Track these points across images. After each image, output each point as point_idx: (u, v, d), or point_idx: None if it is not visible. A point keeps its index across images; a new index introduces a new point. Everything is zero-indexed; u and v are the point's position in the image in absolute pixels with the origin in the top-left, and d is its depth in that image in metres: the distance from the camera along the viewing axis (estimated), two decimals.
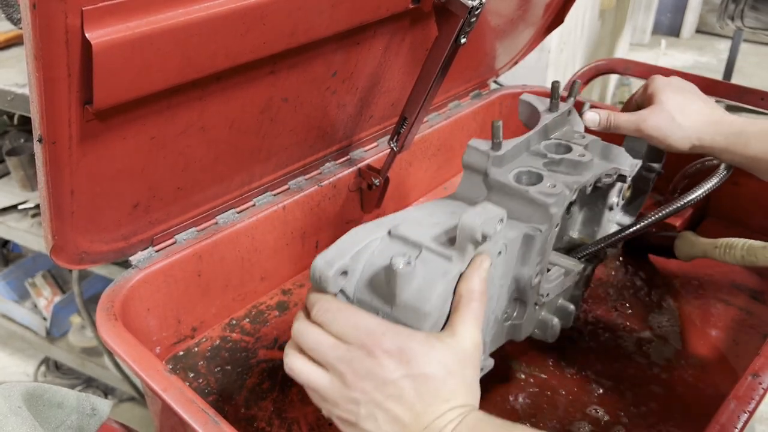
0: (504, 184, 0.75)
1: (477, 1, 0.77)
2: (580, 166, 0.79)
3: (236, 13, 0.62)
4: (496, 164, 0.77)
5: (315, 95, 0.88)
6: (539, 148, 0.82)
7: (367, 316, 0.58)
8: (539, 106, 0.89)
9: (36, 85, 0.53)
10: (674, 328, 0.96)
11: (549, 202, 0.72)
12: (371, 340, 0.55)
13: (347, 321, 0.57)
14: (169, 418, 0.68)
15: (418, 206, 0.75)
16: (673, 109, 0.89)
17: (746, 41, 4.47)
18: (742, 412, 0.61)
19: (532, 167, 0.78)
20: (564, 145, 0.84)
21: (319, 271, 0.60)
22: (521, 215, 0.74)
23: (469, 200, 0.78)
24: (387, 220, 0.69)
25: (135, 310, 0.82)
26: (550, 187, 0.74)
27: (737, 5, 2.53)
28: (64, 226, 0.69)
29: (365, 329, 0.56)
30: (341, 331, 0.57)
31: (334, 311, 0.58)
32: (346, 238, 0.64)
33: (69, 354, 1.99)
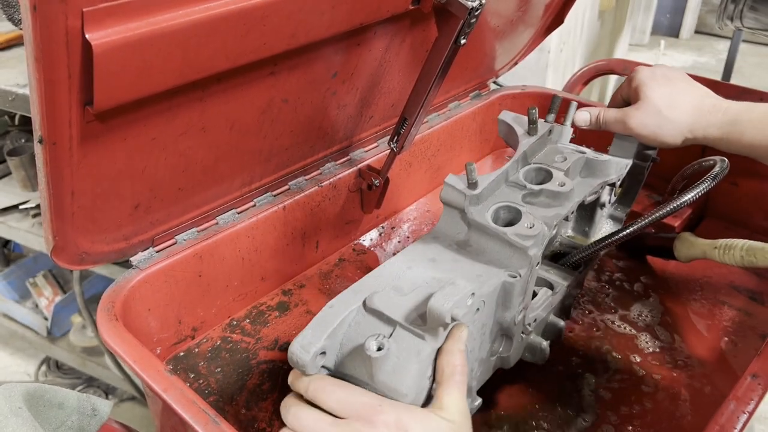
0: (482, 225, 0.75)
1: (477, 2, 0.77)
2: (560, 196, 0.78)
3: (237, 14, 0.62)
4: (474, 203, 0.76)
5: (315, 96, 0.88)
6: (518, 177, 0.81)
7: (361, 391, 0.60)
8: (518, 128, 0.87)
9: (36, 87, 0.53)
10: (673, 329, 0.96)
11: (527, 245, 0.71)
12: (370, 412, 0.57)
13: (344, 396, 0.59)
14: (169, 418, 0.68)
15: (400, 254, 0.75)
16: (660, 102, 0.86)
17: (745, 42, 4.47)
18: (741, 412, 0.61)
19: (510, 202, 0.77)
20: (544, 170, 0.82)
21: (296, 357, 0.62)
22: (500, 256, 0.74)
23: (449, 238, 0.78)
24: (365, 283, 0.70)
25: (136, 311, 0.83)
26: (528, 227, 0.73)
27: (736, 6, 2.53)
28: (65, 226, 0.69)
29: (362, 403, 0.58)
30: (338, 407, 0.58)
31: (328, 389, 0.59)
32: (320, 316, 0.65)
33: (70, 354, 1.99)
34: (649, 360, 0.90)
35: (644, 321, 0.97)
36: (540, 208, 0.78)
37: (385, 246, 1.14)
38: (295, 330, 0.95)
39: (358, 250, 1.13)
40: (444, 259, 0.75)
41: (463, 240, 0.77)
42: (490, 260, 0.74)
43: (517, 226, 0.73)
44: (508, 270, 0.72)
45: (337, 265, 1.09)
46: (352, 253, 1.12)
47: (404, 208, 1.23)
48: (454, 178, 0.77)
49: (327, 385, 0.60)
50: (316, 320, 0.64)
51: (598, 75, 1.40)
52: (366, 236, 1.16)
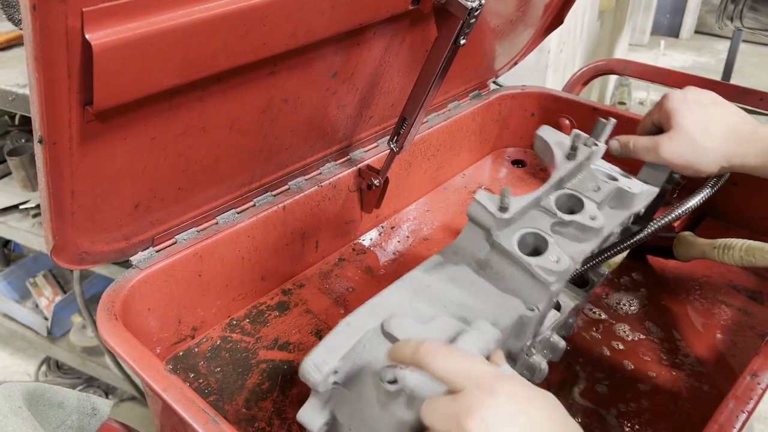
0: (507, 251, 0.73)
1: (476, 3, 0.77)
2: (590, 231, 0.76)
3: (236, 14, 0.62)
4: (502, 226, 0.75)
5: (315, 96, 0.88)
6: (549, 203, 0.79)
7: (478, 359, 0.56)
8: (557, 150, 0.84)
9: (36, 87, 0.53)
10: (672, 328, 0.96)
11: (550, 281, 0.70)
12: (490, 381, 0.53)
13: (459, 365, 0.55)
14: (169, 417, 0.68)
15: (420, 267, 0.75)
16: (694, 130, 0.83)
17: (745, 42, 4.47)
18: (740, 411, 0.61)
19: (538, 229, 0.76)
20: (576, 198, 0.80)
21: (308, 375, 0.62)
22: (520, 285, 0.73)
23: (470, 255, 0.77)
24: (383, 300, 0.69)
25: (135, 310, 0.83)
26: (554, 261, 0.71)
27: (736, 6, 2.53)
28: (65, 226, 0.69)
29: (482, 371, 0.54)
30: (453, 376, 0.54)
31: (440, 355, 0.55)
32: (336, 334, 0.64)
33: (70, 353, 1.99)
34: (647, 359, 0.91)
35: (642, 320, 0.97)
36: (567, 240, 0.76)
37: (385, 246, 1.14)
38: (295, 330, 0.95)
39: (358, 249, 1.13)
40: (463, 281, 0.74)
41: (484, 260, 0.76)
42: (509, 287, 0.73)
43: (543, 258, 0.72)
44: (526, 301, 0.71)
45: (337, 265, 1.09)
46: (351, 253, 1.12)
47: (404, 207, 1.23)
48: (484, 196, 0.75)
49: (438, 351, 0.55)
50: (331, 338, 0.64)
51: (597, 75, 1.40)
52: (366, 236, 1.16)
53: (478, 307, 0.71)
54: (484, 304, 0.71)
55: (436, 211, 1.23)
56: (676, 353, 0.92)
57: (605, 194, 0.80)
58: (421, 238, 1.16)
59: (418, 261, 1.08)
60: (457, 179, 1.33)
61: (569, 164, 0.82)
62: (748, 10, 2.57)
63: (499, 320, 0.69)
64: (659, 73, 1.32)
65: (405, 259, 1.11)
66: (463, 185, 1.32)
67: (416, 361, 0.56)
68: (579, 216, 0.77)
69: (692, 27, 5.04)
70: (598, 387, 0.87)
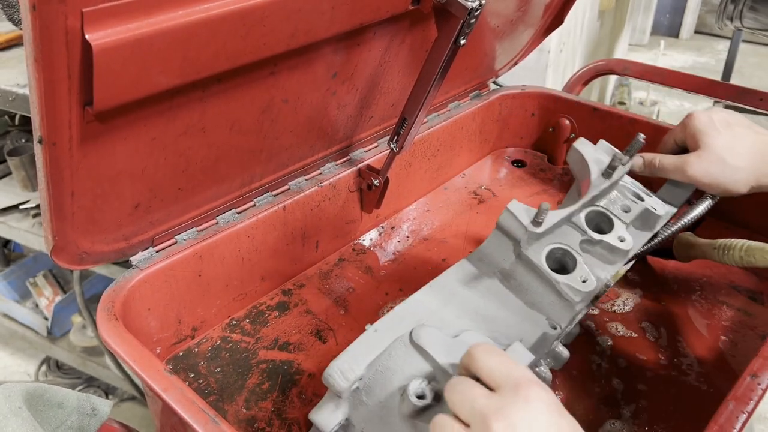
0: (535, 265, 0.73)
1: (476, 3, 0.77)
2: (618, 253, 0.76)
3: (237, 14, 0.62)
4: (532, 239, 0.75)
5: (315, 96, 0.88)
6: (580, 220, 0.79)
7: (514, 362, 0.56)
8: (593, 167, 0.83)
9: (36, 87, 0.53)
10: (672, 328, 0.96)
11: (576, 300, 0.70)
12: (525, 385, 0.53)
13: (496, 365, 0.55)
14: (169, 418, 0.68)
15: (445, 276, 0.74)
16: (723, 150, 0.82)
17: (745, 42, 4.47)
18: (740, 412, 0.61)
19: (568, 246, 0.75)
20: (606, 217, 0.80)
21: (334, 381, 0.61)
22: (543, 299, 0.73)
23: (495, 264, 0.76)
24: (410, 307, 0.68)
25: (135, 311, 0.83)
26: (582, 281, 0.71)
27: (736, 6, 2.53)
28: (65, 226, 0.69)
29: (517, 376, 0.54)
30: (491, 375, 0.55)
31: (481, 355, 0.56)
32: (363, 340, 0.64)
33: (70, 353, 1.99)
34: (645, 358, 0.90)
35: (641, 321, 0.97)
36: (594, 259, 0.76)
37: (385, 246, 1.14)
38: (295, 330, 0.95)
39: (358, 249, 1.13)
40: (489, 291, 0.74)
41: (508, 270, 0.76)
42: (532, 301, 0.73)
43: (571, 277, 0.72)
44: (548, 317, 0.71)
45: (337, 265, 1.09)
46: (351, 253, 1.12)
47: (404, 207, 1.23)
48: (517, 206, 0.75)
49: (488, 349, 0.56)
50: (358, 344, 0.64)
51: (598, 75, 1.40)
52: (366, 236, 1.16)
53: (503, 322, 0.71)
54: (509, 318, 0.71)
55: (437, 211, 1.23)
56: (675, 353, 0.91)
57: (634, 215, 0.80)
58: (421, 238, 1.16)
59: (418, 261, 1.09)
60: (457, 179, 1.33)
61: (605, 183, 0.82)
62: (748, 10, 2.57)
63: (525, 337, 0.69)
64: (659, 73, 1.32)
65: (405, 259, 1.11)
66: (464, 185, 1.32)
67: (466, 356, 0.56)
68: (609, 237, 0.77)
69: (692, 27, 5.05)
70: (596, 388, 0.87)
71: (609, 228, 0.79)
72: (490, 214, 1.23)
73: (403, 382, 0.62)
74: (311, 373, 0.89)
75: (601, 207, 0.82)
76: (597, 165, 0.83)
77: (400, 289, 1.04)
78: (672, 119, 3.72)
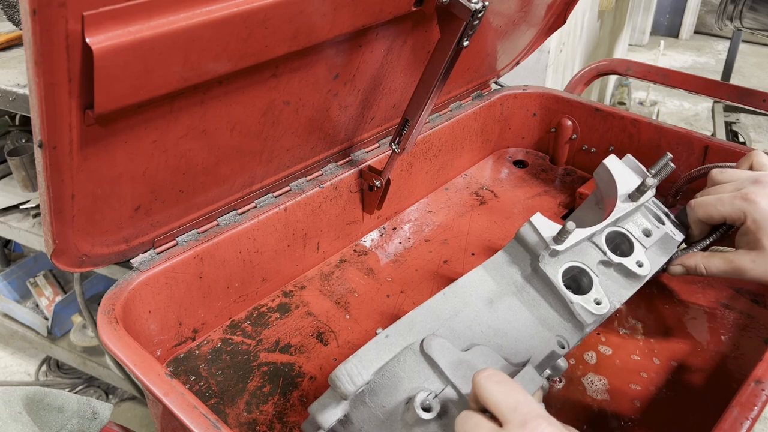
0: (551, 282, 0.73)
1: (480, 4, 0.77)
2: (634, 278, 0.76)
3: (238, 17, 0.61)
4: (552, 255, 0.74)
5: (317, 98, 0.87)
6: (601, 240, 0.78)
7: (523, 394, 0.55)
8: (620, 187, 0.82)
9: (36, 91, 0.53)
10: (674, 332, 0.96)
11: (587, 322, 0.70)
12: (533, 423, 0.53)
13: (503, 397, 0.55)
14: (170, 422, 0.68)
15: (460, 286, 0.74)
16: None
17: (745, 42, 4.47)
18: (745, 418, 0.60)
19: (585, 265, 0.75)
20: (627, 239, 0.79)
21: (340, 384, 0.61)
22: (554, 316, 0.72)
23: (509, 276, 0.76)
24: (423, 314, 0.68)
25: (136, 313, 0.82)
26: (596, 303, 0.71)
27: (736, 6, 2.53)
28: (65, 229, 0.69)
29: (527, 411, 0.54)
30: (497, 407, 0.55)
31: (489, 386, 0.56)
32: (373, 346, 0.63)
33: (70, 353, 1.99)
34: (647, 362, 0.90)
35: (644, 323, 0.97)
36: (610, 281, 0.76)
37: (386, 247, 1.14)
38: (296, 332, 0.95)
39: (359, 251, 1.12)
40: (501, 303, 0.74)
41: (521, 283, 0.76)
42: (543, 317, 0.73)
43: (585, 297, 0.72)
44: (558, 334, 0.71)
45: (338, 266, 1.08)
46: (353, 254, 1.11)
47: (405, 208, 1.23)
48: (540, 220, 0.75)
49: (495, 377, 0.56)
50: (367, 349, 0.63)
51: (599, 75, 1.40)
52: (367, 237, 1.15)
53: (514, 336, 0.71)
54: (519, 333, 0.71)
55: (438, 211, 1.23)
56: (677, 357, 0.91)
57: (654, 240, 0.80)
58: (422, 239, 1.16)
59: (419, 262, 1.09)
60: (458, 180, 1.33)
61: (630, 205, 0.81)
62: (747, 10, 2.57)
63: (533, 354, 0.69)
64: (662, 73, 1.31)
65: (406, 260, 1.10)
66: (465, 186, 1.31)
67: (473, 385, 0.56)
68: (627, 261, 0.76)
69: (692, 27, 5.04)
70: (596, 392, 0.86)
71: (628, 249, 0.79)
72: (491, 215, 1.22)
73: (410, 390, 0.62)
74: (312, 376, 0.88)
75: (623, 229, 0.81)
76: (625, 186, 0.82)
77: (401, 290, 1.04)
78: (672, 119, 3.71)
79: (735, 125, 2.95)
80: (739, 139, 2.95)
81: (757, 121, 3.76)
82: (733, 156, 1.07)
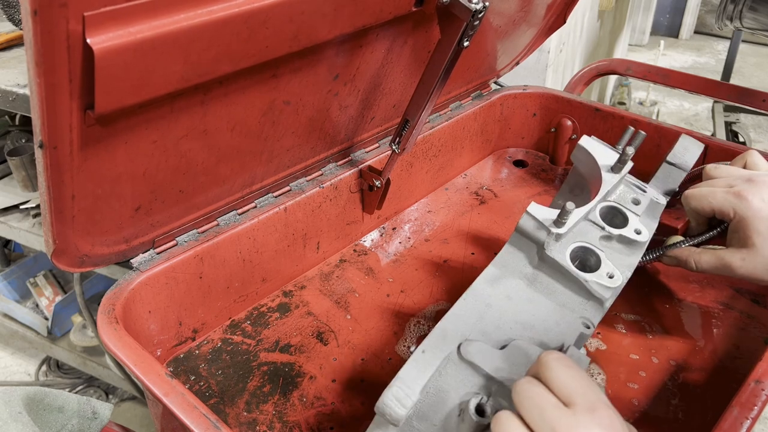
0: (561, 266, 0.74)
1: (480, 5, 0.77)
2: (634, 245, 0.77)
3: (239, 17, 0.61)
4: (555, 240, 0.75)
5: (317, 98, 0.87)
6: (596, 216, 0.80)
7: (588, 380, 0.55)
8: (601, 162, 0.84)
9: (37, 91, 0.53)
10: (674, 332, 0.96)
11: (605, 296, 0.71)
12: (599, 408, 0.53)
13: (570, 381, 0.55)
14: (170, 422, 0.68)
15: (477, 289, 0.74)
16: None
17: (745, 42, 4.47)
18: (745, 418, 0.60)
19: (589, 244, 0.76)
20: (621, 212, 0.81)
21: (390, 410, 0.58)
22: (572, 300, 0.73)
23: (517, 271, 0.77)
24: (451, 327, 0.67)
25: (136, 313, 0.82)
26: (609, 277, 0.72)
27: (736, 6, 2.53)
28: (65, 230, 0.69)
29: (594, 397, 0.54)
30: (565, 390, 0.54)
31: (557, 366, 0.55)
32: (412, 365, 0.61)
33: (70, 353, 1.99)
34: (646, 362, 0.90)
35: (643, 323, 0.97)
36: (614, 254, 0.77)
37: (387, 247, 1.14)
38: (296, 332, 0.95)
39: (359, 250, 1.12)
40: (519, 297, 0.74)
41: (532, 274, 0.76)
42: (562, 301, 0.73)
43: (598, 274, 0.72)
44: (581, 317, 0.71)
45: (338, 266, 1.09)
46: (353, 254, 1.11)
47: (405, 208, 1.23)
48: (537, 208, 0.75)
49: (563, 360, 0.55)
50: (408, 368, 0.62)
51: (600, 75, 1.40)
52: (367, 237, 1.15)
53: (541, 326, 0.71)
54: (545, 322, 0.71)
55: (438, 211, 1.23)
56: (676, 357, 0.91)
57: (644, 207, 0.81)
58: (422, 239, 1.16)
59: (419, 262, 1.09)
60: (458, 180, 1.33)
61: (616, 177, 0.82)
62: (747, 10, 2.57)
63: (565, 340, 0.69)
64: (662, 73, 1.31)
65: (406, 260, 1.10)
66: (465, 186, 1.31)
67: (538, 364, 0.55)
68: (626, 230, 0.78)
69: (692, 27, 5.05)
70: None
71: (622, 222, 0.80)
72: (491, 215, 1.22)
73: (458, 401, 0.61)
74: (312, 376, 0.88)
75: (613, 202, 0.83)
76: (605, 160, 0.84)
77: (401, 290, 1.04)
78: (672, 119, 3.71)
79: (735, 125, 2.95)
80: (739, 139, 2.96)
81: (757, 121, 3.76)
82: (733, 156, 1.07)
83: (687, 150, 0.92)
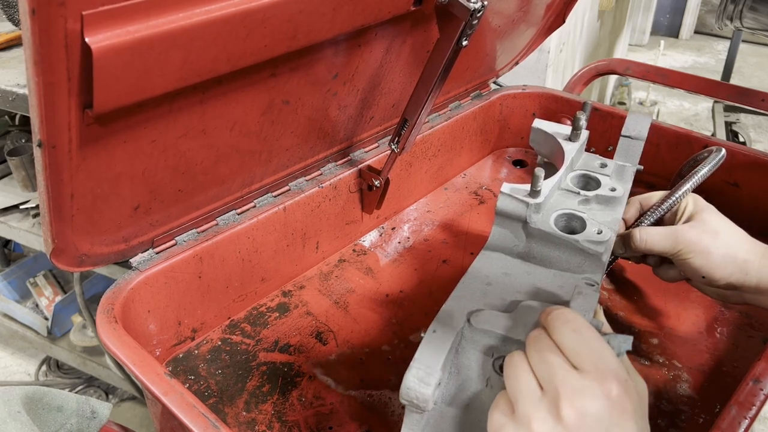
0: (548, 234, 0.74)
1: (479, 4, 0.77)
2: (613, 201, 0.79)
3: (237, 16, 0.61)
4: (536, 211, 0.76)
5: (316, 97, 0.88)
6: (568, 184, 0.82)
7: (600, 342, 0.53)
8: (558, 135, 0.89)
9: (36, 90, 0.53)
10: (671, 331, 0.96)
11: (600, 251, 0.71)
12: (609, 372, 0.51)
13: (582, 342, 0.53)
14: (169, 421, 0.68)
15: (471, 272, 0.74)
16: (717, 226, 0.80)
17: (745, 42, 4.47)
18: (743, 417, 0.60)
19: (570, 209, 0.77)
20: (592, 178, 0.83)
21: (415, 392, 0.56)
22: (569, 265, 0.73)
23: (509, 251, 0.77)
24: (456, 306, 0.66)
25: (135, 312, 0.82)
26: (597, 233, 0.73)
27: (736, 6, 2.53)
28: (64, 229, 0.69)
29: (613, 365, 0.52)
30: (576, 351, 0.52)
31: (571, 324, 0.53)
32: (427, 345, 0.60)
33: (70, 353, 1.99)
34: (647, 363, 0.90)
35: (643, 323, 0.97)
36: (596, 214, 0.78)
37: (386, 246, 1.14)
38: (295, 332, 0.95)
39: (359, 250, 1.12)
40: (517, 273, 0.74)
41: (524, 251, 0.77)
42: (561, 266, 0.74)
43: (586, 233, 0.73)
44: (583, 277, 0.72)
45: (338, 266, 1.09)
46: (352, 254, 1.11)
47: (405, 208, 1.23)
48: (510, 186, 0.77)
49: (570, 320, 0.53)
50: (424, 348, 0.60)
51: (599, 75, 1.40)
52: (366, 237, 1.15)
53: (544, 293, 0.70)
54: (551, 287, 0.71)
55: (437, 211, 1.23)
56: (675, 356, 0.91)
57: (612, 169, 0.84)
58: (421, 239, 1.16)
59: (419, 262, 1.09)
60: (458, 179, 1.33)
61: (575, 145, 0.86)
62: (747, 10, 2.57)
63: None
64: (661, 73, 1.31)
65: (406, 260, 1.10)
66: (464, 185, 1.31)
67: (545, 325, 0.53)
68: (601, 190, 0.80)
69: (692, 27, 5.05)
70: None
71: (595, 186, 0.83)
72: (491, 215, 1.22)
73: (481, 373, 0.60)
74: (311, 375, 0.88)
75: (582, 170, 0.85)
76: (561, 131, 0.89)
77: (400, 290, 1.04)
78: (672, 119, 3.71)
79: (735, 125, 2.95)
80: (740, 139, 2.96)
81: (757, 121, 3.76)
82: (733, 156, 1.07)
83: (638, 122, 0.94)
